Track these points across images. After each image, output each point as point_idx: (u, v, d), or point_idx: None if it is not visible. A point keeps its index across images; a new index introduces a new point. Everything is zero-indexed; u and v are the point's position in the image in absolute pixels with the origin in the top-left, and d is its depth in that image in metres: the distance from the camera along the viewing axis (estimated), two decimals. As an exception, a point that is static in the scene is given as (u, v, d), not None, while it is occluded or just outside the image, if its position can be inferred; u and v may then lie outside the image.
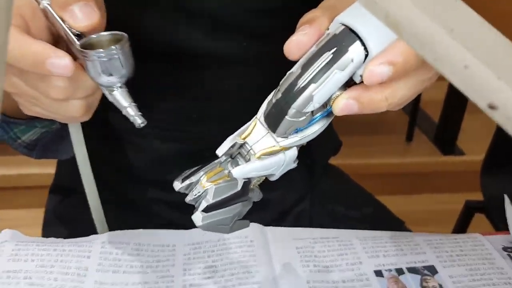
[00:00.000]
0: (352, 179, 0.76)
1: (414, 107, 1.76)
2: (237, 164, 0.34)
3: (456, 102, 1.71)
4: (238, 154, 0.34)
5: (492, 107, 0.17)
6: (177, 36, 0.50)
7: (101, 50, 0.33)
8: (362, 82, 0.31)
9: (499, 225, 0.94)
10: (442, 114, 1.75)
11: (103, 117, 0.54)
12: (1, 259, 0.43)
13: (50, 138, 0.53)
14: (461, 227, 1.04)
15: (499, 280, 0.45)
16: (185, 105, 0.56)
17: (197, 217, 0.34)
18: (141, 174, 0.62)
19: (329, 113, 0.33)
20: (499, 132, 0.99)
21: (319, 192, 0.69)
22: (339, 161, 0.76)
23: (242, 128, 0.34)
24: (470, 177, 1.34)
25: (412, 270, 0.45)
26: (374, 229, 0.52)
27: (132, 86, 0.42)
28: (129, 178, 0.62)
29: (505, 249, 0.49)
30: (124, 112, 0.35)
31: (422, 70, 0.32)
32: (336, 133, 0.75)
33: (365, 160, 1.61)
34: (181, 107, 0.56)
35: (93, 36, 0.34)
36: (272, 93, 0.33)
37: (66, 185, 0.68)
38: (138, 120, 0.35)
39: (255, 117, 0.34)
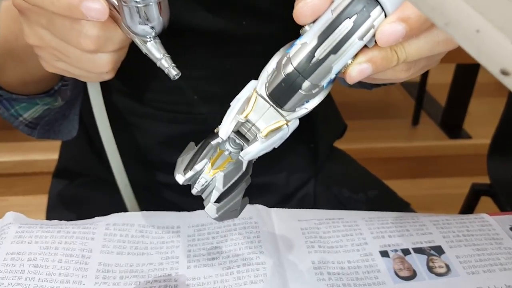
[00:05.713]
0: (357, 162, 0.75)
1: (420, 91, 1.74)
2: (235, 143, 0.33)
3: (462, 85, 1.69)
4: (236, 132, 0.33)
5: (504, 72, 0.16)
6: (177, 11, 0.50)
7: None
8: (374, 45, 0.29)
9: (506, 208, 0.94)
10: (448, 97, 1.73)
11: (107, 99, 0.53)
12: (5, 241, 0.43)
13: (53, 117, 0.53)
14: (467, 210, 1.03)
15: (507, 260, 0.44)
16: (184, 85, 0.56)
17: (211, 209, 0.33)
18: (145, 157, 0.61)
19: (334, 80, 0.31)
20: (506, 115, 0.98)
21: (324, 175, 0.68)
22: (345, 145, 0.76)
23: (238, 104, 0.32)
24: (476, 161, 1.33)
25: (418, 250, 0.45)
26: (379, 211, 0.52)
27: (129, 66, 0.41)
28: (135, 161, 0.62)
29: (512, 229, 0.48)
30: (158, 64, 0.35)
31: (437, 29, 0.30)
32: (342, 116, 0.74)
33: (371, 144, 1.61)
34: (181, 88, 0.56)
35: None
36: (272, 66, 0.31)
37: (70, 169, 0.68)
38: (172, 71, 0.35)
39: (253, 90, 0.32)
